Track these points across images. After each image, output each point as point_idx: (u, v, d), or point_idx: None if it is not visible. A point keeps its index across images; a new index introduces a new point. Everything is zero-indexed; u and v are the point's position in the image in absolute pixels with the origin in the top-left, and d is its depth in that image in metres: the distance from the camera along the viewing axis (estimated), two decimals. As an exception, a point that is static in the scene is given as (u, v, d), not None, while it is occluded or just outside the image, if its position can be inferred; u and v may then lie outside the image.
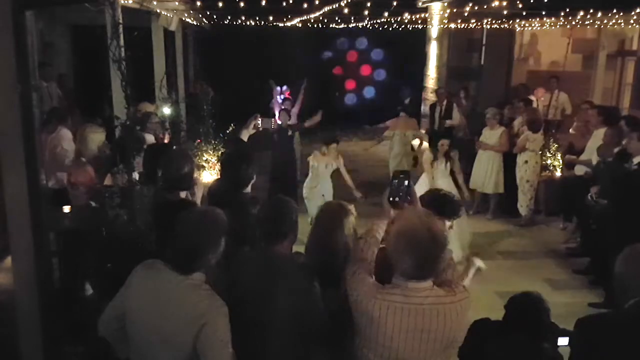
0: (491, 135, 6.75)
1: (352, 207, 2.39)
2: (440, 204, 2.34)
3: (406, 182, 2.06)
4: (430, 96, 10.14)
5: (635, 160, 4.57)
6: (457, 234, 4.96)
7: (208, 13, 8.45)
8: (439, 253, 1.77)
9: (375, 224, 2.06)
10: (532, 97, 8.09)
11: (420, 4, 8.69)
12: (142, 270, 1.99)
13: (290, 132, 6.97)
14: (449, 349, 1.87)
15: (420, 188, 5.14)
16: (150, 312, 1.89)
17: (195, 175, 3.27)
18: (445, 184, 5.38)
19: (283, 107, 7.48)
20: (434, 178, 5.63)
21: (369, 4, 6.90)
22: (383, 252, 1.99)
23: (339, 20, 9.74)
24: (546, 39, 9.01)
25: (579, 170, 5.90)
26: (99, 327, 2.03)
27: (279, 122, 6.88)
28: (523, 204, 6.53)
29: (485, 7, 6.56)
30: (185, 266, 1.91)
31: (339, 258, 2.21)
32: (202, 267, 1.94)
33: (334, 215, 2.32)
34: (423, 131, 8.30)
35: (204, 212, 2.06)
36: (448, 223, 2.36)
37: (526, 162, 6.38)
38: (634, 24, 7.65)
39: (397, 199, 2.04)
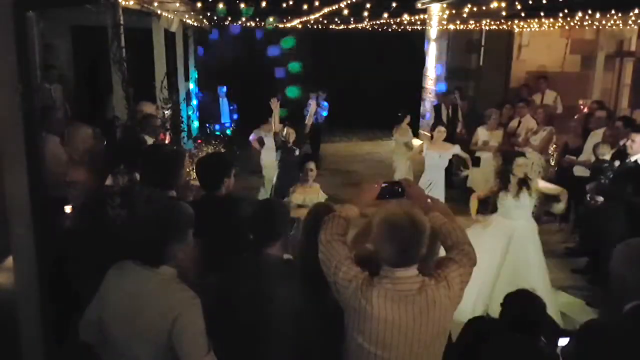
0: (491, 136, 6.76)
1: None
2: None
3: (399, 189, 2.14)
4: (429, 97, 10.17)
5: (633, 158, 4.59)
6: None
7: (209, 14, 8.47)
8: (420, 238, 1.81)
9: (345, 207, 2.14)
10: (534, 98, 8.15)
11: (419, 5, 8.72)
12: (114, 271, 2.02)
13: (297, 152, 5.86)
14: (439, 337, 1.89)
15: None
16: (125, 309, 1.92)
17: (190, 176, 3.28)
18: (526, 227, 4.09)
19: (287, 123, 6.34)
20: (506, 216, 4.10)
21: (368, 5, 6.92)
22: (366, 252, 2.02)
23: (339, 22, 9.76)
24: (545, 40, 9.02)
25: (578, 171, 5.92)
26: (79, 332, 2.06)
27: (283, 138, 5.95)
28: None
29: (484, 8, 6.58)
30: (152, 259, 1.93)
31: None
32: (169, 259, 1.96)
33: (322, 216, 2.33)
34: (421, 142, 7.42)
35: (167, 204, 2.12)
36: None
37: (533, 163, 6.42)
38: (633, 25, 7.67)
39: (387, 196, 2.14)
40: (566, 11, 6.52)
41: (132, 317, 1.90)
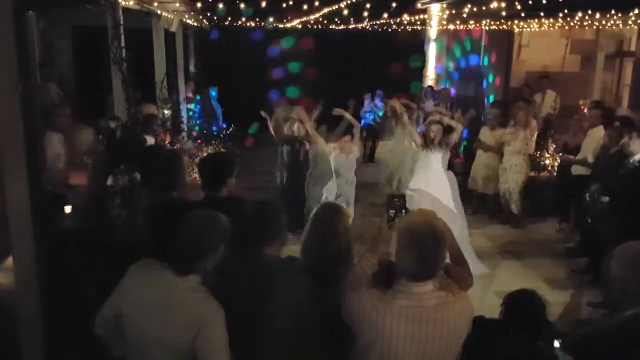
0: (492, 135, 6.76)
1: (347, 209, 2.44)
2: None
3: (403, 208, 2.21)
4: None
5: (636, 157, 4.58)
6: None
7: (208, 14, 8.48)
8: (441, 249, 1.79)
9: (369, 253, 2.17)
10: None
11: (419, 5, 8.71)
12: (138, 269, 1.98)
13: (308, 146, 6.03)
14: (453, 353, 1.88)
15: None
16: (147, 313, 1.88)
17: (190, 175, 3.28)
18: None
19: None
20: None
21: (368, 6, 6.92)
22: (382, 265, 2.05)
23: (339, 22, 9.77)
24: (545, 40, 9.02)
25: (576, 169, 5.92)
26: (95, 326, 2.03)
27: (294, 131, 6.13)
28: (518, 205, 6.54)
29: (484, 8, 6.57)
30: (183, 267, 1.91)
31: (333, 257, 2.24)
32: (200, 270, 1.94)
33: (328, 216, 2.36)
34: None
35: (208, 215, 2.03)
36: None
37: (515, 165, 6.40)
38: (633, 25, 7.67)
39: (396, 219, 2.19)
40: (566, 11, 6.51)
41: (154, 320, 1.87)
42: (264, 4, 6.01)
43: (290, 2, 6.03)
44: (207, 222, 1.98)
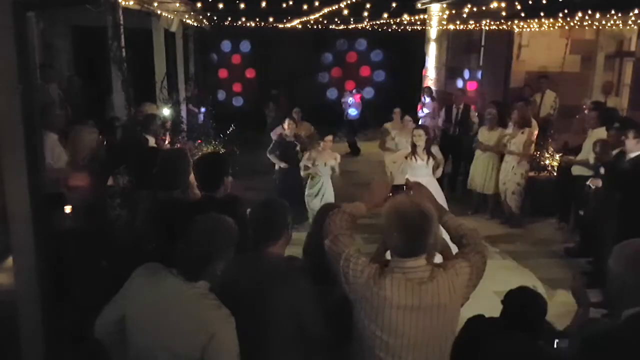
0: (490, 136, 6.76)
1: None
2: None
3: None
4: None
5: (631, 155, 4.61)
6: None
7: (208, 14, 8.48)
8: (428, 227, 1.85)
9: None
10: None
11: (419, 5, 8.73)
12: (143, 274, 1.93)
13: (297, 147, 6.38)
14: (447, 325, 1.92)
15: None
16: (153, 319, 1.84)
17: (191, 175, 3.27)
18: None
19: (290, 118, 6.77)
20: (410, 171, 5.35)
21: (368, 6, 6.92)
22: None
23: (339, 22, 9.77)
24: (545, 40, 9.01)
25: (576, 170, 5.92)
26: (95, 329, 1.99)
27: (286, 132, 6.41)
28: (515, 205, 6.54)
29: (484, 8, 6.58)
30: (193, 273, 1.87)
31: None
32: (209, 275, 1.91)
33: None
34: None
35: (218, 219, 2.00)
36: None
37: (513, 167, 6.39)
38: (633, 25, 7.66)
39: None
40: (566, 11, 6.52)
41: (161, 327, 1.82)
42: (264, 4, 6.02)
43: (290, 2, 6.04)
44: (216, 227, 1.94)
